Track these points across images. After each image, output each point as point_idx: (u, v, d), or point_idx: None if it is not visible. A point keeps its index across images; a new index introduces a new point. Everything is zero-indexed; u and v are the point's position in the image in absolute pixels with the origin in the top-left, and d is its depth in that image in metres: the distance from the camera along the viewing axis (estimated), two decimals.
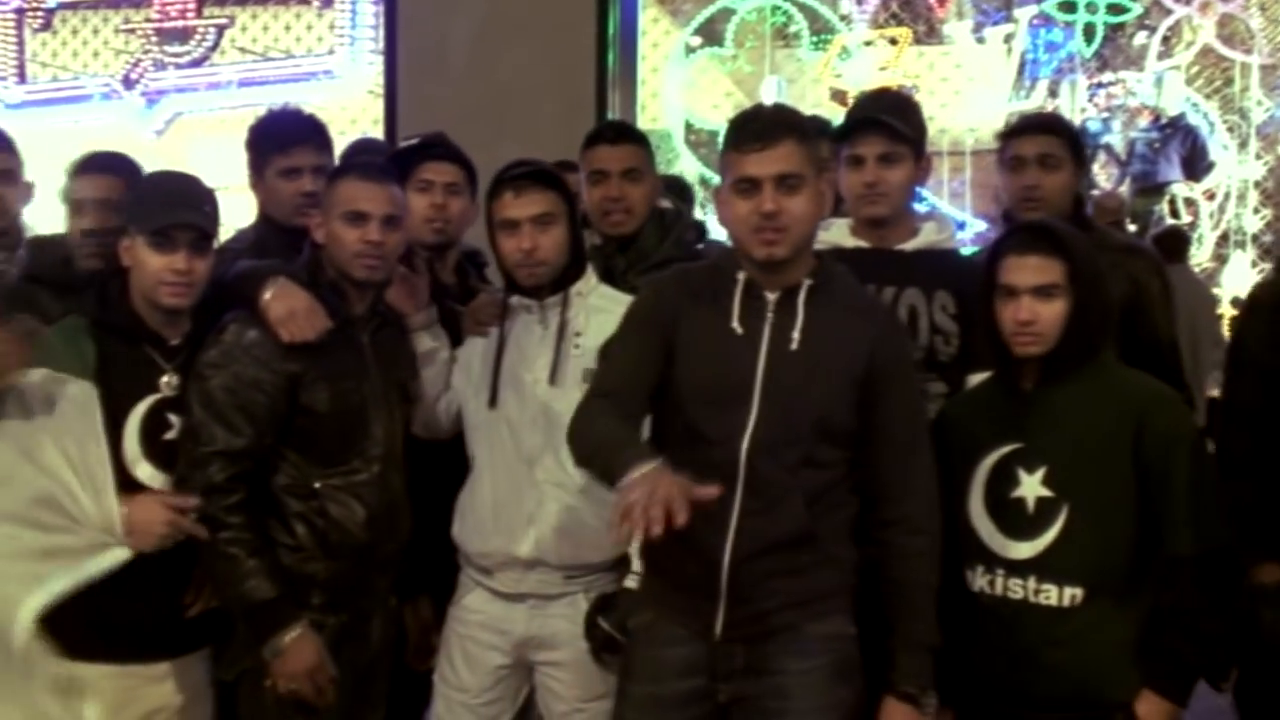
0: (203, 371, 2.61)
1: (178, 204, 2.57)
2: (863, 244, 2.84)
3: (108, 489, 2.51)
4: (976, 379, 2.72)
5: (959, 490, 2.46)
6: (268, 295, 2.67)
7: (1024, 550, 2.41)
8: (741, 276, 2.44)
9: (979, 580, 2.46)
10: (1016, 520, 2.43)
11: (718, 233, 3.85)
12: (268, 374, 2.61)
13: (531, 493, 2.75)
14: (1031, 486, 2.42)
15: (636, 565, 2.78)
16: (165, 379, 2.61)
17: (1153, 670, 2.36)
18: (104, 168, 2.89)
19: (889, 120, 2.74)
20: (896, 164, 2.76)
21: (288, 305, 2.67)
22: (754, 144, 2.37)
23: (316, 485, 2.64)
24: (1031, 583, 2.40)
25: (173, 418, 2.59)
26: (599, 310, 2.82)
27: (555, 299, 2.83)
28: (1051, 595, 2.39)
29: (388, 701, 2.94)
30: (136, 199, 2.65)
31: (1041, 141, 3.27)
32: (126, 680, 2.58)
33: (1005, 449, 2.45)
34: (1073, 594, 2.38)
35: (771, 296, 2.42)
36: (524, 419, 2.76)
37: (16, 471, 2.53)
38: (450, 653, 2.87)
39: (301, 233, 2.86)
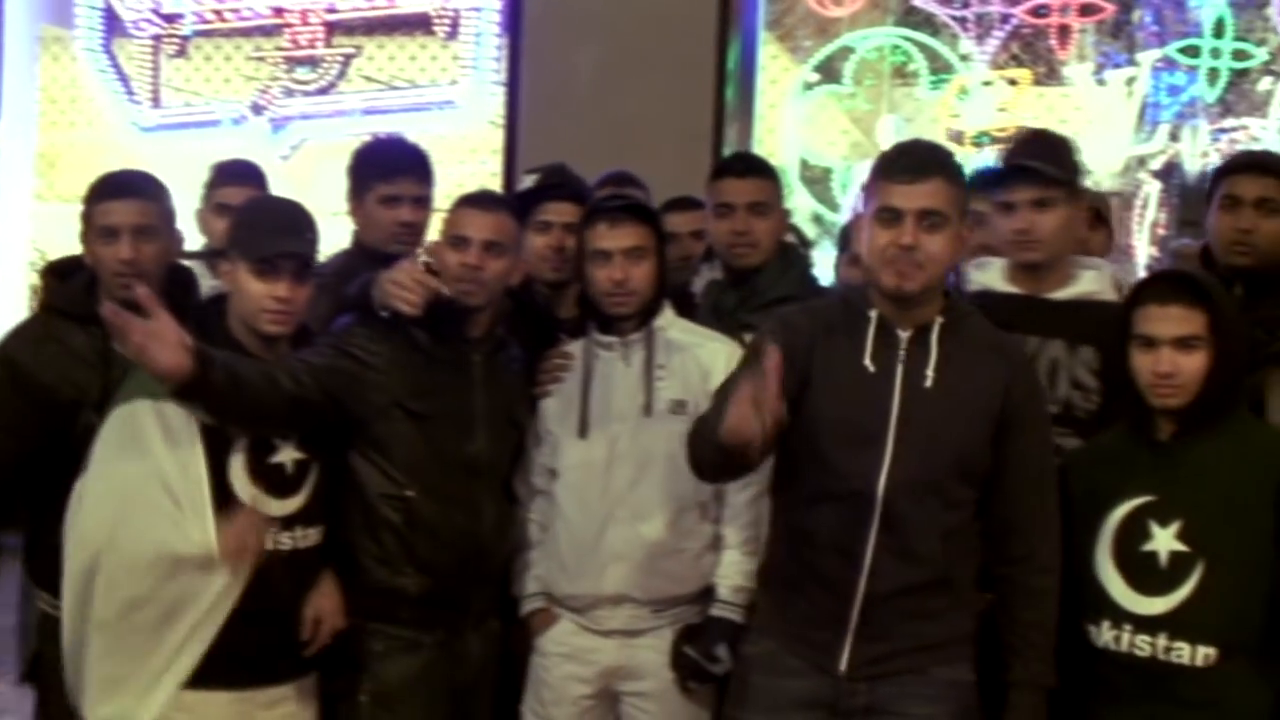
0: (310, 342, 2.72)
1: (283, 232, 2.63)
2: (1015, 289, 2.82)
3: (206, 513, 2.53)
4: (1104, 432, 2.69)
5: (1084, 542, 2.44)
6: (376, 289, 2.74)
7: (1156, 606, 2.36)
8: (874, 314, 2.45)
9: (1104, 635, 2.43)
10: (1148, 575, 2.38)
11: (823, 274, 3.86)
12: (353, 355, 2.72)
13: (616, 530, 2.79)
14: (1165, 540, 2.37)
15: (722, 593, 2.79)
16: None
17: None
18: (135, 191, 2.85)
19: (1039, 166, 2.73)
20: (1050, 209, 2.75)
21: (391, 279, 2.73)
22: (905, 176, 2.37)
23: (409, 493, 2.69)
24: (1162, 640, 2.35)
25: (276, 441, 2.64)
26: (677, 346, 2.86)
27: (639, 335, 2.87)
28: (1184, 654, 2.33)
29: None
30: (241, 224, 2.72)
31: (1263, 184, 3.13)
32: (242, 706, 2.63)
33: (1138, 501, 2.41)
34: (1206, 653, 2.32)
35: (904, 334, 2.43)
36: (614, 454, 2.79)
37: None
38: (536, 686, 2.90)
39: (394, 260, 2.91)
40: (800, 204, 6.00)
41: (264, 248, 2.60)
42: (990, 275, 2.87)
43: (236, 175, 3.82)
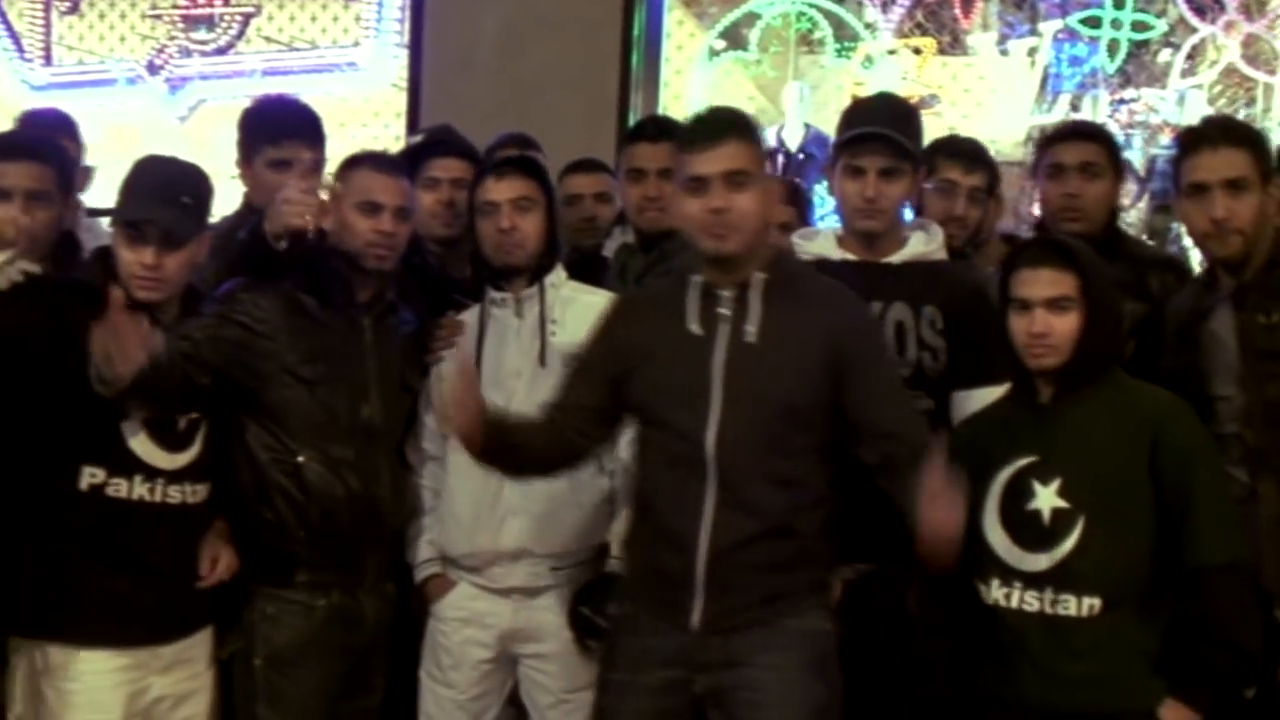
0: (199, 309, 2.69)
1: (153, 198, 2.57)
2: (849, 256, 2.84)
3: None
4: (963, 395, 2.74)
5: (974, 505, 2.48)
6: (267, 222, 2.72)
7: (1041, 562, 2.44)
8: (696, 279, 2.50)
9: (995, 593, 2.49)
10: (1033, 533, 2.45)
11: None
12: (247, 319, 2.68)
13: (513, 485, 2.78)
14: (1047, 498, 2.44)
15: (616, 551, 2.82)
16: None
17: (1180, 679, 2.38)
18: (29, 154, 2.78)
19: (894, 136, 2.74)
20: (897, 179, 2.77)
21: (283, 198, 2.75)
22: (702, 143, 2.44)
23: (299, 459, 2.67)
24: (1049, 594, 2.42)
25: None
26: (570, 302, 2.87)
27: (531, 290, 2.88)
28: (1071, 606, 2.41)
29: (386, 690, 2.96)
30: (122, 185, 2.65)
31: (1084, 149, 3.24)
32: (135, 673, 2.60)
33: (1021, 462, 2.48)
34: (1091, 604, 2.40)
35: (727, 294, 2.48)
36: (510, 408, 2.77)
37: None
38: (435, 651, 2.89)
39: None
40: None
41: (130, 212, 2.56)
42: (822, 244, 2.88)
43: (39, 124, 3.71)
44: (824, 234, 2.93)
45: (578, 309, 2.90)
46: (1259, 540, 2.60)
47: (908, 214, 3.02)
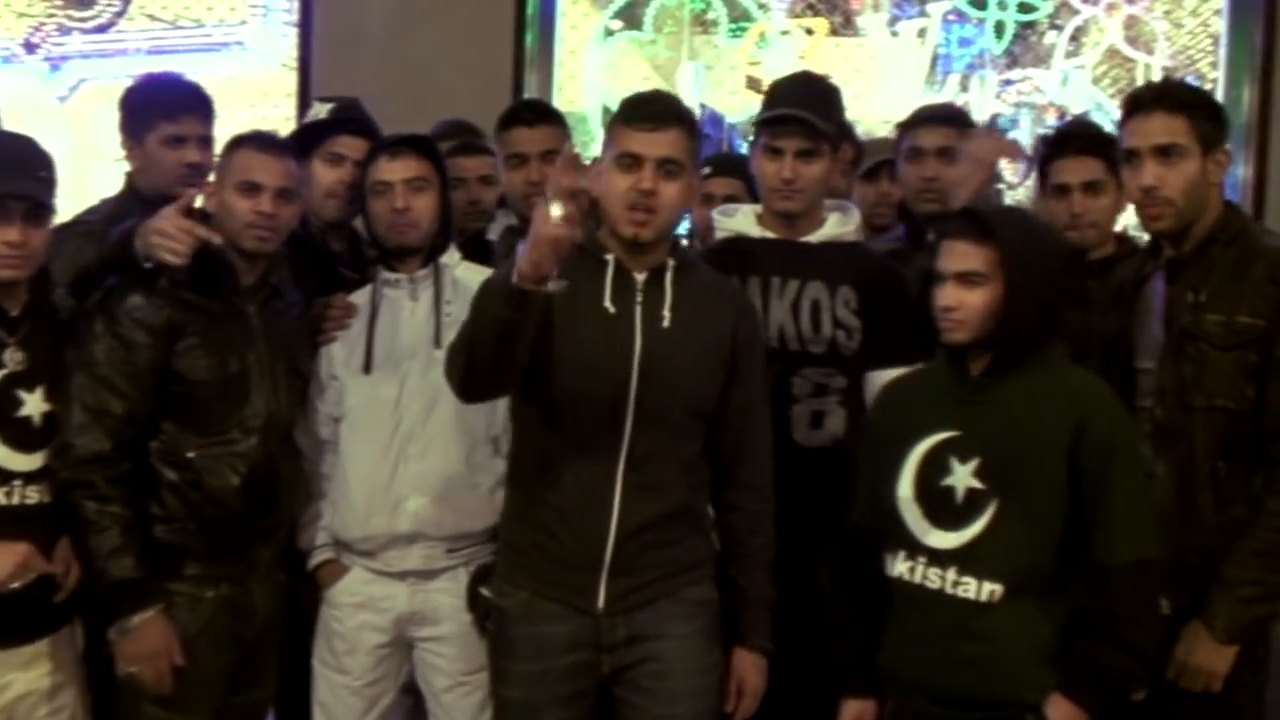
0: (84, 337, 2.57)
1: (11, 172, 2.50)
2: (768, 234, 2.86)
3: None
4: (876, 375, 2.76)
5: (889, 473, 2.47)
6: (139, 239, 2.62)
7: (949, 540, 2.41)
8: (610, 258, 2.49)
9: (899, 566, 2.48)
10: (945, 509, 2.43)
11: None
12: (147, 337, 2.57)
13: (408, 467, 2.77)
14: (963, 477, 2.41)
15: None
16: (8, 353, 2.55)
17: (1070, 675, 2.34)
18: None
19: (810, 118, 2.76)
20: (815, 159, 2.79)
21: (155, 228, 2.61)
22: (647, 124, 2.45)
23: (190, 454, 2.62)
24: (951, 574, 2.40)
25: (22, 394, 2.53)
26: (465, 283, 2.85)
27: (426, 272, 2.85)
28: (970, 589, 2.39)
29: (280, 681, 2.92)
30: None
31: (941, 133, 3.30)
32: None
33: (942, 435, 2.45)
34: (991, 590, 2.37)
35: (640, 277, 2.49)
36: (404, 391, 2.76)
37: None
38: (329, 637, 2.87)
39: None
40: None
41: None
42: (741, 221, 2.91)
43: None
44: (744, 211, 2.95)
45: (471, 290, 2.88)
46: None
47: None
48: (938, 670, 2.43)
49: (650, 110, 2.50)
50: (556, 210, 2.18)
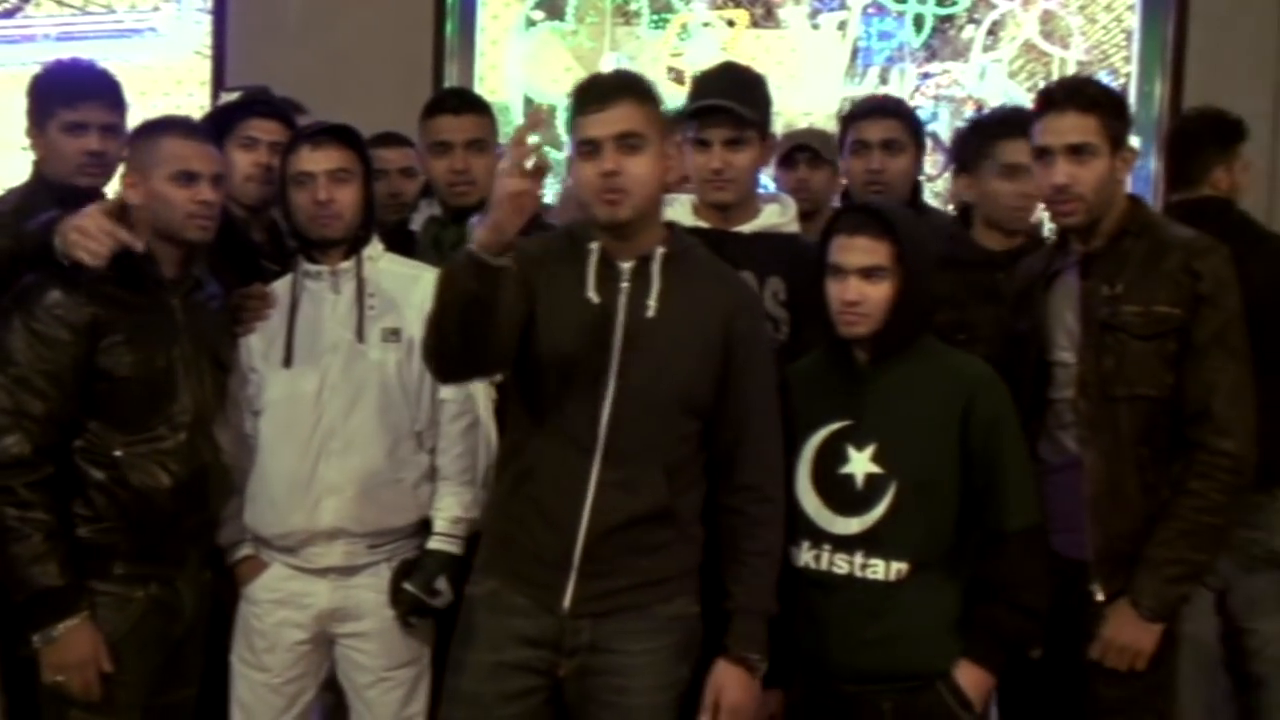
0: (2, 335, 2.50)
1: None
2: (702, 224, 2.86)
3: None
4: (804, 359, 2.76)
5: (787, 465, 2.51)
6: (58, 236, 2.55)
7: (852, 526, 2.48)
8: (595, 246, 2.42)
9: (804, 555, 2.52)
10: (845, 496, 2.49)
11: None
12: (69, 334, 2.51)
13: (329, 462, 2.73)
14: (861, 463, 2.49)
15: (439, 526, 2.78)
16: None
17: (973, 641, 2.46)
18: None
19: (735, 107, 2.76)
20: (743, 148, 2.79)
21: (75, 226, 2.54)
22: (594, 105, 2.38)
23: (117, 453, 2.56)
24: (859, 558, 2.47)
25: None
26: (389, 275, 2.82)
27: (349, 264, 2.81)
28: (879, 570, 2.46)
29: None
30: None
31: (886, 126, 3.33)
32: None
33: (834, 426, 2.52)
34: (899, 569, 2.46)
35: (625, 265, 2.43)
36: (325, 384, 2.72)
37: None
38: (248, 634, 2.82)
39: (80, 194, 2.73)
40: None
41: None
42: (677, 211, 2.90)
43: None
44: (680, 201, 2.93)
45: (396, 283, 2.84)
46: (1078, 511, 2.66)
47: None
48: (851, 651, 2.49)
49: (596, 90, 2.42)
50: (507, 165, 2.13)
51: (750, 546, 2.52)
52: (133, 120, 3.14)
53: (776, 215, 2.91)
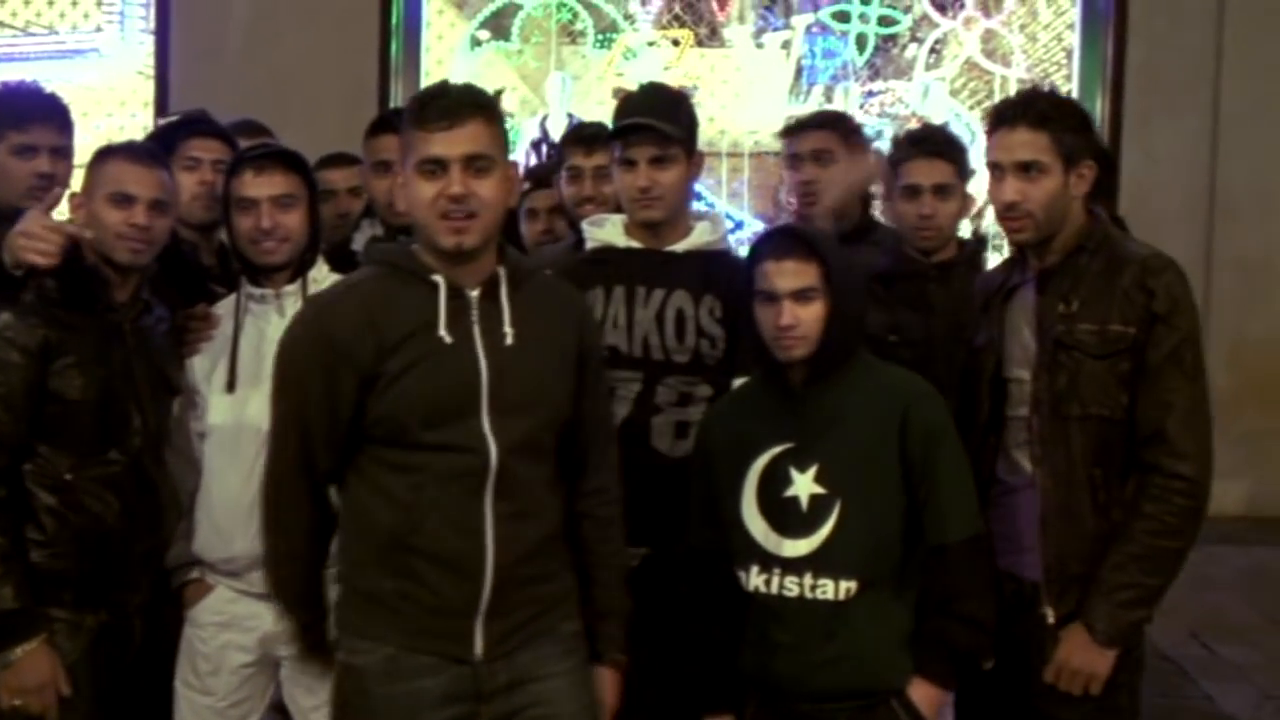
0: None
1: None
2: (635, 244, 2.85)
3: None
4: (740, 383, 2.77)
5: (731, 491, 2.50)
6: (5, 251, 2.51)
7: (800, 548, 2.45)
8: (439, 279, 2.30)
9: (754, 580, 2.50)
10: (791, 519, 2.47)
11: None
12: (21, 357, 2.48)
13: None
14: (805, 485, 2.47)
15: None
16: None
17: (922, 656, 2.44)
18: None
19: (658, 125, 2.75)
20: (669, 166, 2.78)
21: (20, 231, 2.51)
22: (442, 122, 2.24)
23: (67, 477, 2.52)
24: (808, 579, 2.45)
25: None
26: None
27: (293, 287, 2.78)
28: (828, 590, 2.44)
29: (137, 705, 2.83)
30: None
31: (816, 137, 3.33)
32: None
33: (776, 449, 2.49)
34: (848, 587, 2.43)
35: (473, 294, 2.31)
36: (268, 409, 2.68)
37: None
38: (192, 658, 2.78)
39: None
40: None
41: None
42: (609, 231, 2.89)
43: None
44: (612, 221, 2.92)
45: None
46: (1029, 528, 2.63)
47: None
48: (805, 670, 2.46)
49: (443, 106, 2.25)
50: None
51: (605, 549, 2.50)
52: (78, 141, 3.13)
53: (708, 233, 2.91)
